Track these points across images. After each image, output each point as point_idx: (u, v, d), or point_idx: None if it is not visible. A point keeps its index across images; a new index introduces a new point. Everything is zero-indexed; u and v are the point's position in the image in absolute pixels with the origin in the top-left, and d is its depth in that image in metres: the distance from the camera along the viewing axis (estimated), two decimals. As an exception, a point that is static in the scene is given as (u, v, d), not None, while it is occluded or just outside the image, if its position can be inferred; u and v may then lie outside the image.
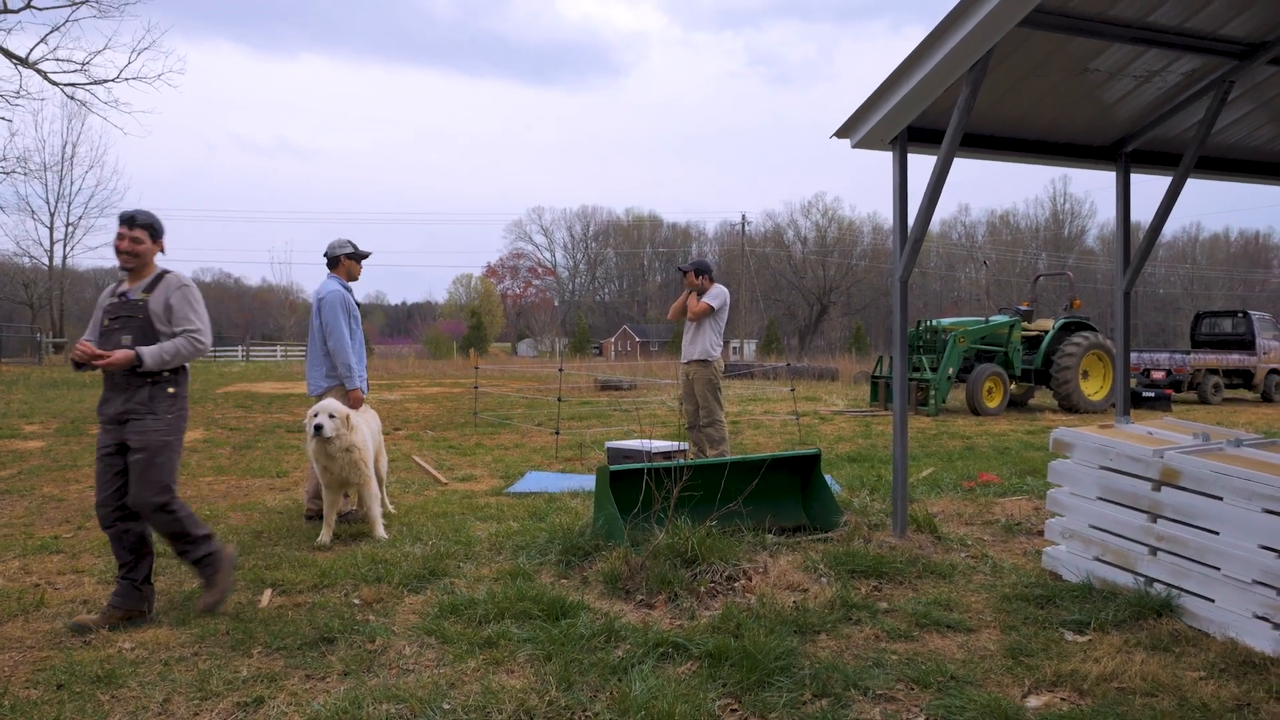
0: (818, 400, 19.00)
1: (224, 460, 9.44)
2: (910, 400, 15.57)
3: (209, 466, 8.95)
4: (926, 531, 5.55)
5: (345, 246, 6.24)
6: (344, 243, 6.26)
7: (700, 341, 8.00)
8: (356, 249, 6.31)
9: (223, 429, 12.63)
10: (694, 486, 5.11)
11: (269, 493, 7.50)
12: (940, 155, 4.99)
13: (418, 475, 8.34)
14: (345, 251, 6.23)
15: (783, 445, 10.77)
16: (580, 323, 72.20)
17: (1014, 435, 12.18)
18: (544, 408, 16.39)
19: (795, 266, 74.19)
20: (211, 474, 8.50)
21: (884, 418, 14.70)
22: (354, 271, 6.27)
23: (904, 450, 5.50)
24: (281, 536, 5.71)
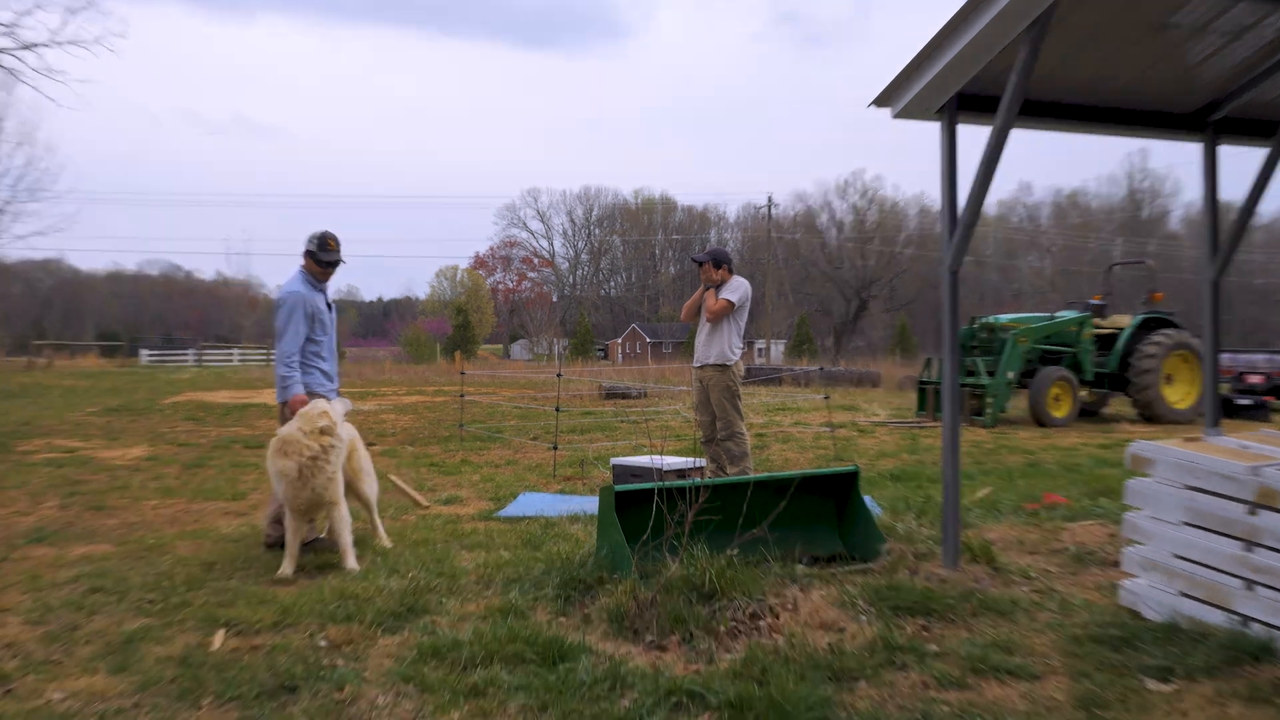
0: (856, 410, 18.94)
1: (171, 481, 9.47)
2: (963, 409, 15.53)
3: (154, 488, 8.98)
4: (983, 562, 5.51)
5: (311, 241, 6.24)
6: (313, 236, 6.26)
7: (717, 343, 7.98)
8: (319, 251, 6.21)
9: (170, 445, 12.68)
10: (712, 509, 5.09)
11: (223, 518, 7.51)
12: (996, 126, 4.96)
13: (395, 497, 8.34)
14: (308, 248, 6.23)
15: (815, 462, 10.73)
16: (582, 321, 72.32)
17: (1085, 450, 12.11)
18: (540, 419, 16.40)
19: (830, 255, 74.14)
20: (157, 496, 8.52)
21: (933, 430, 14.65)
22: (314, 272, 6.25)
23: (956, 467, 5.47)
24: (237, 568, 5.71)
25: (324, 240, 6.23)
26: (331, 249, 6.25)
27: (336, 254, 6.28)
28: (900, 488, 8.63)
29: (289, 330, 6.02)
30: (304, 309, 6.07)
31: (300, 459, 5.49)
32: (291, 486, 5.53)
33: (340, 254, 6.30)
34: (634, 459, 8.08)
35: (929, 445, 12.54)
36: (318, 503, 5.64)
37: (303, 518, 5.70)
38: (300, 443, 5.50)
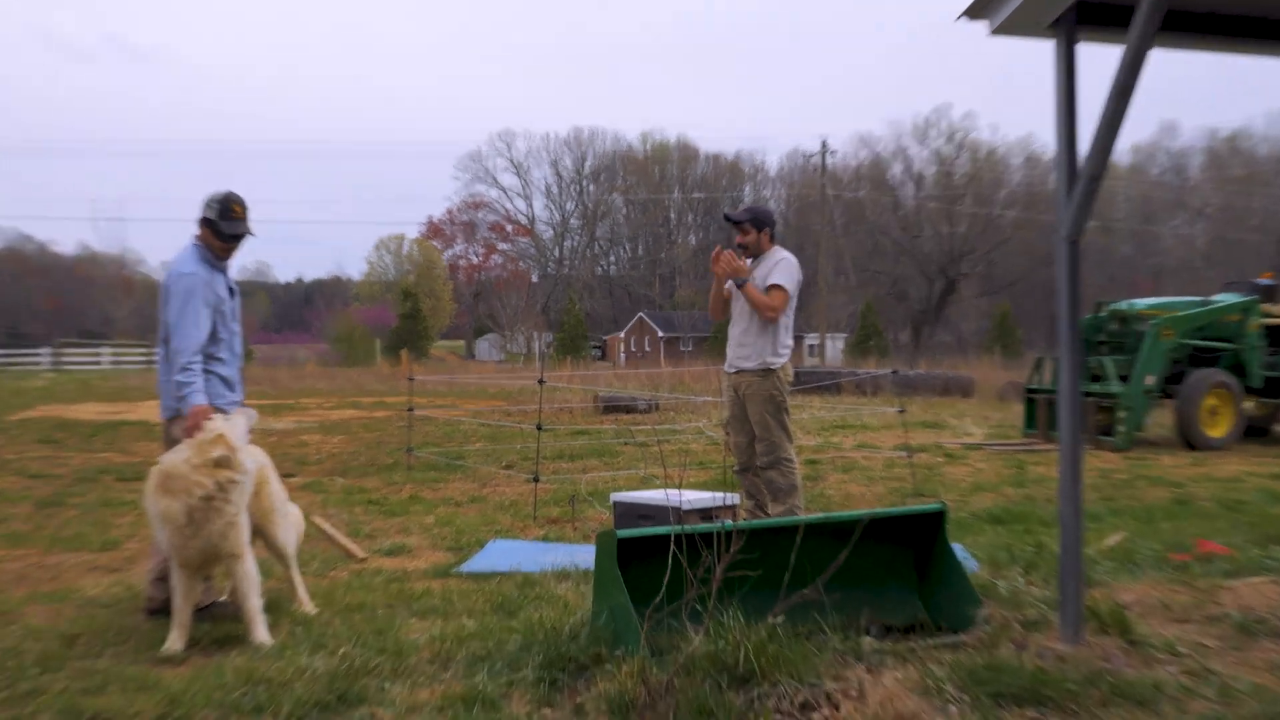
0: (942, 427, 18.89)
1: (20, 525, 9.48)
2: (1087, 426, 15.50)
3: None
4: (1114, 632, 5.49)
5: (210, 207, 6.23)
6: (212, 200, 6.25)
7: (758, 339, 7.97)
8: (221, 220, 6.21)
9: (19, 476, 12.70)
10: (748, 562, 5.08)
11: (89, 575, 7.51)
12: (1130, 45, 4.95)
13: (321, 546, 8.34)
14: (205, 215, 6.23)
15: (887, 499, 10.70)
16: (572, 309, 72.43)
17: (1251, 481, 12.07)
18: (516, 440, 16.40)
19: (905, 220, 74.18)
20: (1, 546, 8.53)
21: (1046, 454, 14.62)
22: (211, 245, 6.26)
23: (1078, 505, 5.45)
24: (109, 642, 5.71)
25: (227, 205, 6.22)
26: (237, 217, 6.25)
27: (244, 223, 6.27)
28: (1002, 533, 8.60)
29: (185, 322, 6.02)
30: (203, 295, 6.08)
31: (189, 499, 5.47)
32: (178, 534, 5.52)
33: (248, 223, 6.30)
34: (643, 494, 8.07)
35: (1040, 475, 12.49)
36: (214, 555, 5.63)
37: (195, 575, 5.70)
38: (188, 478, 5.49)
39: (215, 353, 6.22)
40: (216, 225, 6.21)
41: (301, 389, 32.64)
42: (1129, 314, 16.77)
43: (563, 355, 56.28)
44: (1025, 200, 72.93)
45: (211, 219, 6.21)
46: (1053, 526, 8.76)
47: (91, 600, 6.68)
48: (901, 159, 77.81)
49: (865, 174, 77.85)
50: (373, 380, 37.08)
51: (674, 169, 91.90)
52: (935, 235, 72.49)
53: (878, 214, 74.94)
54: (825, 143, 61.21)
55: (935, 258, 71.73)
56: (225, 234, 6.22)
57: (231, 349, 6.32)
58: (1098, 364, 16.07)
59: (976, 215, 72.25)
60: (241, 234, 6.27)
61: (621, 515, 7.88)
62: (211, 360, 6.20)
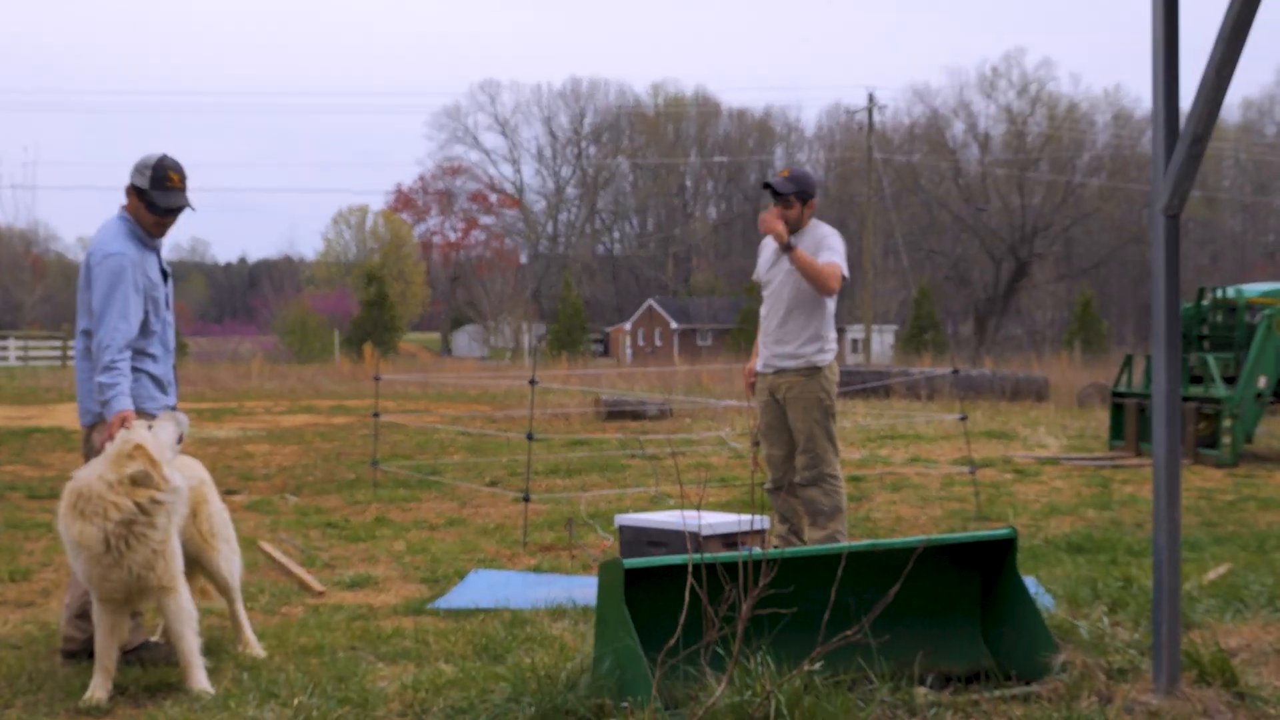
0: (1011, 438, 18.88)
1: (-86, 550, 9.51)
2: (1187, 437, 15.47)
3: (-113, 561, 9.03)
4: (1217, 683, 5.49)
5: (140, 174, 6.24)
6: (143, 166, 6.26)
7: (800, 331, 8.00)
8: (153, 190, 6.22)
9: (-89, 492, 12.73)
10: (780, 597, 5.09)
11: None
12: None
13: (271, 577, 8.36)
14: (135, 183, 6.23)
15: (946, 523, 10.70)
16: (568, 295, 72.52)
17: (1382, 503, 12.05)
18: (502, 453, 16.40)
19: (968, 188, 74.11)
20: (-109, 575, 8.56)
21: (1136, 470, 14.61)
22: (141, 219, 6.27)
23: (1175, 532, 5.45)
24: (20, 690, 5.73)
25: (161, 172, 6.23)
26: (173, 186, 6.25)
27: (181, 194, 6.29)
28: (1083, 564, 8.60)
29: (112, 311, 6.02)
30: (133, 278, 6.09)
31: (105, 523, 5.45)
32: (96, 565, 5.51)
33: (186, 194, 6.31)
34: (654, 516, 8.08)
35: (1129, 495, 12.48)
36: (141, 589, 5.63)
37: (120, 611, 5.70)
38: (103, 498, 5.47)
39: (146, 348, 6.23)
40: (149, 195, 6.21)
41: (246, 390, 32.70)
42: (1237, 302, 16.73)
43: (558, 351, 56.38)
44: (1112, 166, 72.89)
45: (142, 188, 6.22)
46: (1144, 557, 8.75)
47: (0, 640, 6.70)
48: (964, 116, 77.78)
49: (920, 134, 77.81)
50: (331, 380, 37.14)
51: (691, 128, 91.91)
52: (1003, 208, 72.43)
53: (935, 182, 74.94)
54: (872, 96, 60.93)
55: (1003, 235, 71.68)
56: (159, 206, 6.23)
57: (165, 343, 6.33)
58: (1199, 362, 16.03)
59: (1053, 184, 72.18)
60: (178, 207, 6.28)
61: (629, 541, 7.88)
62: (142, 356, 6.21)
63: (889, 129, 72.77)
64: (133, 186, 6.25)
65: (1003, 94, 76.38)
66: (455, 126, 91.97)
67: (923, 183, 74.50)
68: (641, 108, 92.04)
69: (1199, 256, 65.80)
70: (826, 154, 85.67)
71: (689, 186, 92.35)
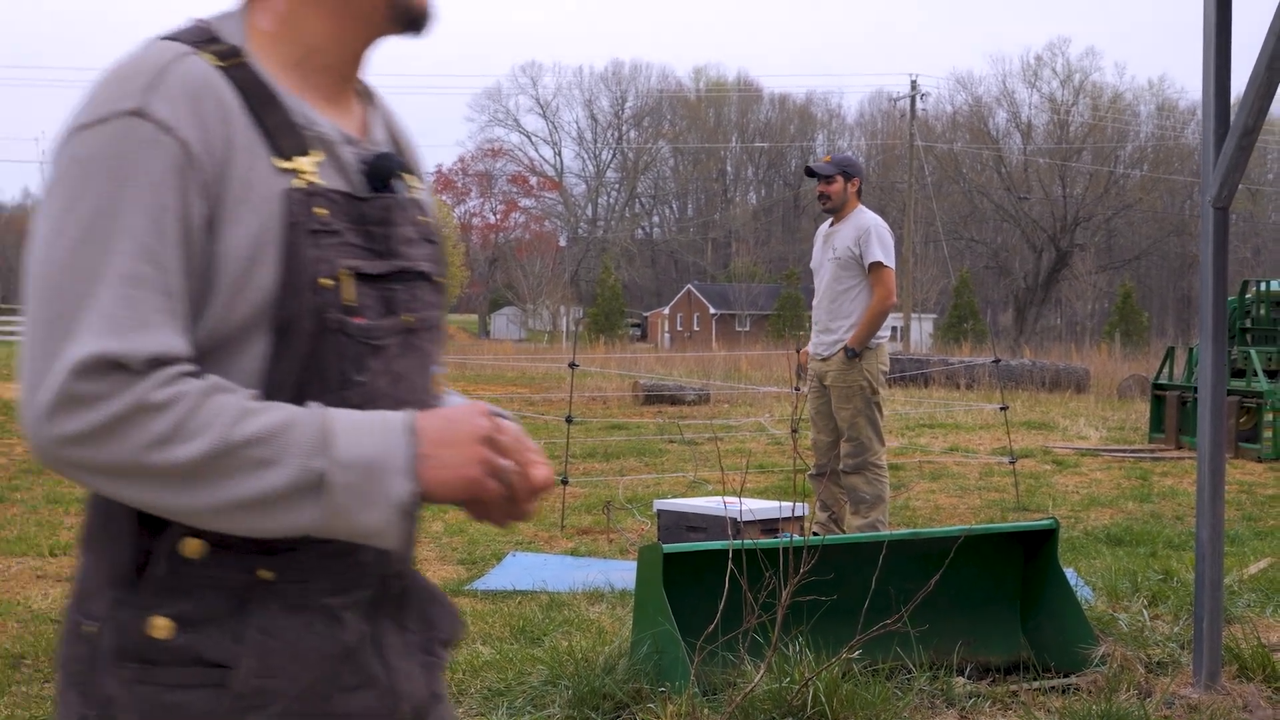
0: (1050, 428, 18.80)
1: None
2: (1229, 431, 15.37)
3: (-70, 533, 9.11)
4: (1258, 678, 5.48)
5: None
6: None
7: (845, 317, 7.99)
8: None
9: (-46, 465, 12.83)
10: (820, 585, 5.09)
11: (34, 584, 7.60)
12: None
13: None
14: None
15: (985, 513, 10.67)
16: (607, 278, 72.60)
17: None
18: (540, 435, 16.41)
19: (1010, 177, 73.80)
20: (-66, 547, 8.64)
21: (1177, 463, 14.54)
22: None
23: (1217, 525, 5.42)
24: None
25: None
26: None
27: None
28: (1123, 556, 8.57)
29: None
30: None
31: None
32: None
33: None
34: (693, 502, 8.09)
35: (1169, 488, 12.42)
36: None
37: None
38: None
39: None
40: None
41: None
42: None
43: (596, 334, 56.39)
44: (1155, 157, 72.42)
45: None
46: (1184, 550, 8.71)
47: (38, 614, 6.74)
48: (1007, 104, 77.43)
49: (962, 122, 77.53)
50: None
51: (732, 113, 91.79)
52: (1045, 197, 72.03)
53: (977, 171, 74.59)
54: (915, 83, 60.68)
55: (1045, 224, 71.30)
56: None
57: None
58: (1241, 356, 15.94)
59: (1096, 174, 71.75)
60: None
61: (667, 527, 7.89)
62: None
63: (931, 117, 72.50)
64: None
65: (1046, 83, 76.01)
66: (496, 108, 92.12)
67: (964, 171, 74.16)
68: (683, 92, 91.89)
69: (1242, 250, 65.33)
70: (868, 141, 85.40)
71: (729, 172, 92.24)
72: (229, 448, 1.42)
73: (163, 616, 1.52)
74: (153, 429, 1.41)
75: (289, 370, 1.55)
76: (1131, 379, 26.72)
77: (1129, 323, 54.90)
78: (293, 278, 1.53)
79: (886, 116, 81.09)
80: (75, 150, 1.51)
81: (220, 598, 1.54)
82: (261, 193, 1.54)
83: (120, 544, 1.56)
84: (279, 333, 1.54)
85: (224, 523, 1.47)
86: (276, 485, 1.44)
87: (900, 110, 65.08)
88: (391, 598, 1.72)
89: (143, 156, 1.48)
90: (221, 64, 1.58)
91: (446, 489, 1.52)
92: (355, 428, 1.48)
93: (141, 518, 1.52)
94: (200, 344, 1.51)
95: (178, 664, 1.52)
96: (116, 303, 1.44)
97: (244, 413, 1.44)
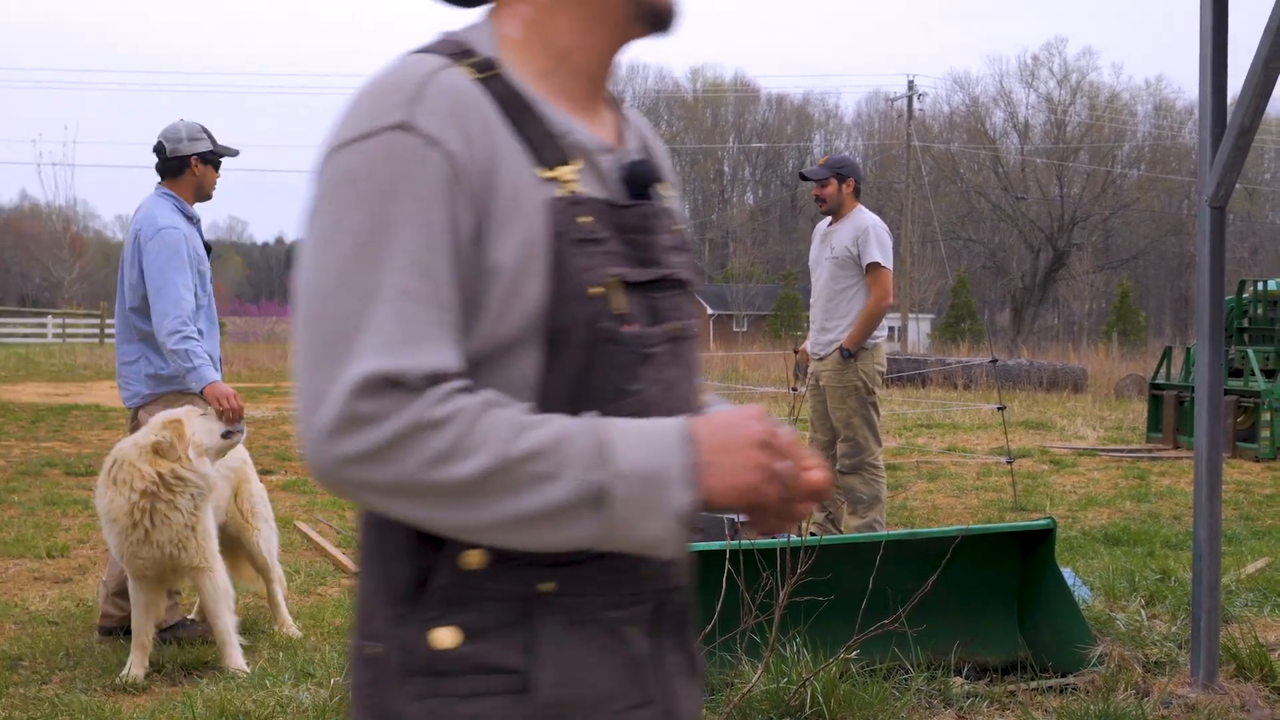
0: (1048, 428, 18.79)
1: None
2: (1226, 430, 15.37)
3: (-73, 536, 9.10)
4: (1255, 678, 5.48)
5: (199, 138, 6.31)
6: (196, 131, 6.33)
7: (841, 317, 8.00)
8: (216, 144, 6.41)
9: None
10: (817, 585, 5.08)
11: (33, 585, 7.60)
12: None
13: (306, 557, 8.39)
14: (200, 149, 6.31)
15: (982, 512, 10.67)
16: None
17: None
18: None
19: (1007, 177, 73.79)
20: (-69, 550, 8.63)
21: (1174, 462, 14.54)
22: (208, 184, 6.36)
23: (1214, 525, 5.42)
24: (57, 666, 5.77)
25: (207, 130, 6.39)
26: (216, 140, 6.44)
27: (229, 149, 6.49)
28: (1120, 556, 8.57)
29: (176, 282, 6.03)
30: (186, 251, 6.12)
31: (131, 494, 5.48)
32: (125, 540, 5.54)
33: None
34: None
35: (1167, 488, 12.43)
36: (173, 567, 5.67)
37: (155, 590, 5.74)
38: (133, 465, 5.49)
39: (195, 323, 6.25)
40: (216, 153, 6.43)
41: (283, 370, 32.74)
42: (1277, 296, 16.63)
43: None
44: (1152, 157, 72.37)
45: (208, 150, 6.38)
46: (1182, 550, 8.72)
47: (36, 616, 6.74)
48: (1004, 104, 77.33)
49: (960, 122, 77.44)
50: (366, 361, 37.12)
51: (729, 113, 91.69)
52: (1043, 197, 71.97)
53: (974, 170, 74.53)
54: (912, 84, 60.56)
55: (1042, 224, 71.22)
56: (221, 154, 6.43)
57: (210, 318, 6.35)
58: (1239, 355, 15.94)
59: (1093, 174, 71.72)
60: (233, 152, 6.54)
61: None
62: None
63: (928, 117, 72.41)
64: (197, 155, 6.30)
65: (1043, 83, 75.94)
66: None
67: (962, 171, 74.10)
68: (680, 92, 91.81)
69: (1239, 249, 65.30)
70: (865, 141, 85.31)
71: (726, 172, 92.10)
72: (508, 463, 1.42)
73: (448, 627, 1.53)
74: (432, 446, 1.40)
75: (563, 382, 1.54)
76: (1129, 379, 26.73)
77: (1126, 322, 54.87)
78: (562, 288, 1.53)
79: (884, 117, 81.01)
80: (340, 166, 1.50)
81: (503, 609, 1.54)
82: (527, 204, 1.53)
83: (398, 561, 1.56)
84: (551, 344, 1.53)
85: (502, 538, 1.46)
86: (556, 500, 1.43)
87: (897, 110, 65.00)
88: (670, 614, 1.71)
89: (411, 170, 1.47)
90: (479, 76, 1.57)
91: (726, 496, 1.49)
92: (632, 438, 1.46)
93: (419, 533, 1.51)
94: (471, 357, 1.50)
95: (469, 672, 1.52)
96: (392, 319, 1.43)
97: (521, 427, 1.43)
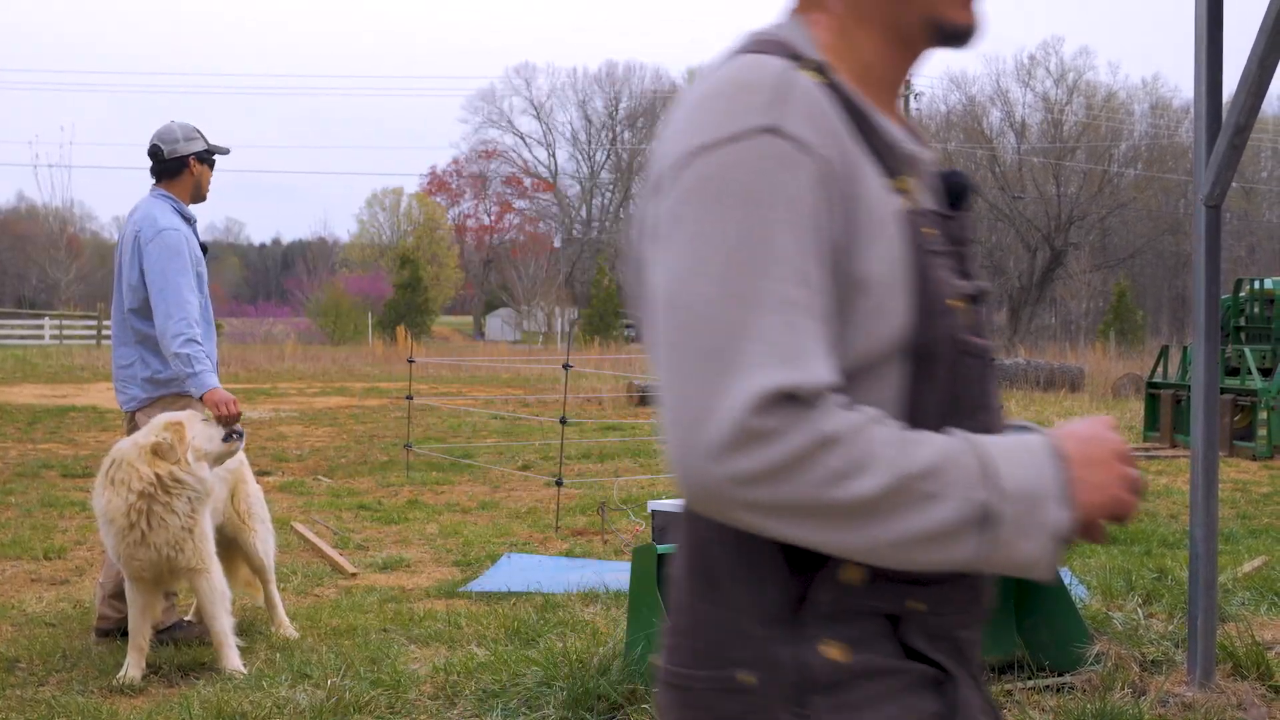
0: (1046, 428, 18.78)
1: (-50, 527, 9.58)
2: (1223, 429, 15.36)
3: (-77, 538, 9.10)
4: (1252, 676, 5.47)
5: (194, 138, 6.31)
6: (191, 131, 6.33)
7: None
8: (209, 143, 6.43)
9: (-52, 469, 12.83)
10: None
11: (29, 587, 7.60)
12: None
13: (303, 558, 8.39)
14: (196, 149, 6.31)
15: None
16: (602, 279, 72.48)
17: None
18: (534, 436, 16.41)
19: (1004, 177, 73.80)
20: (-72, 552, 8.63)
21: (1171, 461, 14.53)
22: (204, 184, 6.37)
23: (1211, 524, 5.41)
24: (54, 668, 5.77)
25: (198, 131, 6.39)
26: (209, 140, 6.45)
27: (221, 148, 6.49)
28: (1117, 555, 8.57)
29: (179, 283, 6.02)
30: (187, 252, 6.12)
31: (128, 494, 5.48)
32: (122, 541, 5.54)
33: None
34: (686, 503, 8.07)
35: (1164, 487, 12.42)
36: (170, 569, 5.67)
37: (152, 591, 5.74)
38: (132, 466, 5.49)
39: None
40: (212, 153, 6.43)
41: (279, 372, 32.80)
42: (1274, 294, 16.62)
43: (590, 335, 56.32)
44: (1149, 156, 72.31)
45: (203, 150, 6.38)
46: (1179, 549, 8.71)
47: (33, 618, 6.74)
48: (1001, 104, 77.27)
49: (956, 121, 77.41)
50: (364, 362, 37.22)
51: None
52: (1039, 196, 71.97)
53: (971, 170, 74.53)
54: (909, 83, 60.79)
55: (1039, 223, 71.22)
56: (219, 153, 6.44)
57: (208, 319, 6.34)
58: (1236, 354, 15.93)
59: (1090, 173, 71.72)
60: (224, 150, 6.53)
61: (662, 527, 7.86)
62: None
63: (925, 116, 72.44)
64: (193, 156, 6.30)
65: (1040, 82, 75.86)
66: (490, 110, 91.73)
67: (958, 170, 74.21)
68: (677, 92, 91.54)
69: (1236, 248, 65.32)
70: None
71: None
72: (905, 481, 1.37)
73: (834, 643, 1.48)
74: (830, 464, 1.35)
75: (931, 398, 1.51)
76: (1126, 378, 26.70)
77: (1123, 321, 54.86)
78: (927, 301, 1.49)
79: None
80: (705, 170, 1.44)
81: (876, 625, 1.51)
82: (885, 214, 1.49)
83: (766, 584, 1.50)
84: (918, 359, 1.50)
85: (881, 557, 1.41)
86: (944, 520, 1.38)
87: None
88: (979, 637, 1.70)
89: (785, 175, 1.42)
90: (821, 80, 1.51)
91: (1096, 510, 1.46)
92: (1010, 456, 1.43)
93: (793, 551, 1.46)
94: (844, 371, 1.44)
95: (870, 678, 1.49)
96: (779, 331, 1.37)
97: (905, 443, 1.39)
